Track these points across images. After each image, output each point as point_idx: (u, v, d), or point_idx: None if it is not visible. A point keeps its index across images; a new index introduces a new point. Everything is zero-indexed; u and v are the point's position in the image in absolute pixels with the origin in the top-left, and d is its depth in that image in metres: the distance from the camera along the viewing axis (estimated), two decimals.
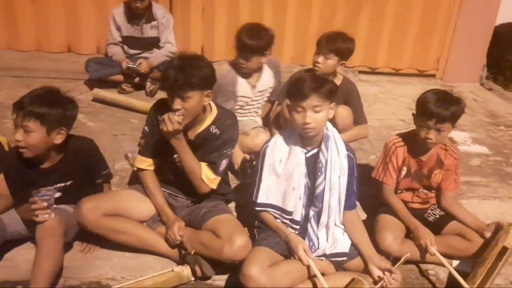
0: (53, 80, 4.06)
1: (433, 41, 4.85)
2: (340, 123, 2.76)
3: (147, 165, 2.34)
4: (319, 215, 2.18)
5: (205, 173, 2.24)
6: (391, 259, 2.26)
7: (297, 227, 2.18)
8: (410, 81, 4.94)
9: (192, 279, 2.21)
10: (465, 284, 2.15)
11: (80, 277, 2.20)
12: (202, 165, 2.25)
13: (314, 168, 2.15)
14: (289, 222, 2.19)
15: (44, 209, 2.04)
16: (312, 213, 2.19)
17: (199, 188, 2.27)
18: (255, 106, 3.14)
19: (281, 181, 2.16)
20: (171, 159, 2.30)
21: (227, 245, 2.08)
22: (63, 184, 2.24)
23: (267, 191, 2.18)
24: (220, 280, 2.26)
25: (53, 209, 2.08)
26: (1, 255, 2.25)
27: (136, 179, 2.44)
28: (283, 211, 2.18)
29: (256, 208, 2.21)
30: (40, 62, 4.45)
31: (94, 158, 2.34)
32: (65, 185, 2.25)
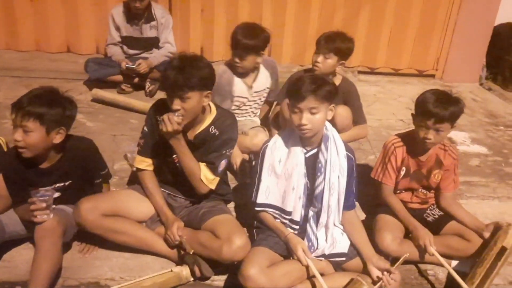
0: (52, 80, 4.06)
1: (433, 41, 4.86)
2: (339, 123, 2.75)
3: (146, 165, 2.34)
4: (318, 215, 2.18)
5: (204, 173, 2.24)
6: (390, 259, 2.27)
7: (296, 227, 2.18)
8: (410, 81, 4.94)
9: (191, 279, 2.20)
10: (464, 284, 2.15)
11: (79, 278, 2.20)
12: (201, 165, 2.24)
13: (313, 168, 2.15)
14: (288, 222, 2.19)
15: (43, 209, 2.04)
16: (311, 213, 2.19)
17: (198, 188, 2.27)
18: (252, 107, 3.14)
19: (281, 181, 2.16)
20: (170, 160, 2.30)
21: (226, 246, 2.08)
22: (62, 184, 2.24)
23: (267, 191, 2.18)
24: (219, 280, 2.25)
25: (52, 210, 2.08)
26: (0, 255, 2.25)
27: (135, 179, 2.44)
28: (282, 211, 2.18)
29: (256, 208, 2.21)
30: (39, 62, 4.44)
31: (93, 158, 2.33)
32: (64, 185, 2.24)
